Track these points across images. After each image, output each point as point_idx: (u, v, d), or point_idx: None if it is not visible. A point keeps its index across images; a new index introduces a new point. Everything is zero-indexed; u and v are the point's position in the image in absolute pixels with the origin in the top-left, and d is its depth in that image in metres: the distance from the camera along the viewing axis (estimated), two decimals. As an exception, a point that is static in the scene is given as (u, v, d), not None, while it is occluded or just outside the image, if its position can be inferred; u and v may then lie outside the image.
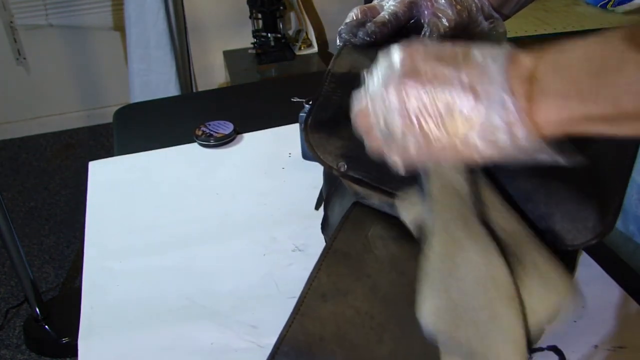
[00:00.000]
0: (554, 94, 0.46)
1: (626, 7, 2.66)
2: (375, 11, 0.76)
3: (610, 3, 2.71)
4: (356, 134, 0.61)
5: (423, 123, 0.51)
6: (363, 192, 0.71)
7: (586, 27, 2.64)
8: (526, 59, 0.49)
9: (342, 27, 0.76)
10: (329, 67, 0.75)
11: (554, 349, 0.72)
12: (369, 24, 0.73)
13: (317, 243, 0.93)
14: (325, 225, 0.84)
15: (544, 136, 0.48)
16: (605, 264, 0.88)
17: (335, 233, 0.70)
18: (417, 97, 0.51)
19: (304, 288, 0.66)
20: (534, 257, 0.59)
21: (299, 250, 0.93)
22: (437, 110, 0.51)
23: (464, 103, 0.50)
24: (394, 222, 0.69)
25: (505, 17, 0.80)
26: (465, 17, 0.75)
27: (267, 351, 0.77)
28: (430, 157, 0.54)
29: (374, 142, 0.58)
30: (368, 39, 0.73)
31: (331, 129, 0.71)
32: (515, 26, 2.53)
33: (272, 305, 0.84)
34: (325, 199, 0.82)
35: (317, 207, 0.87)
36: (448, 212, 0.60)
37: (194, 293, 0.87)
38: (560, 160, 0.50)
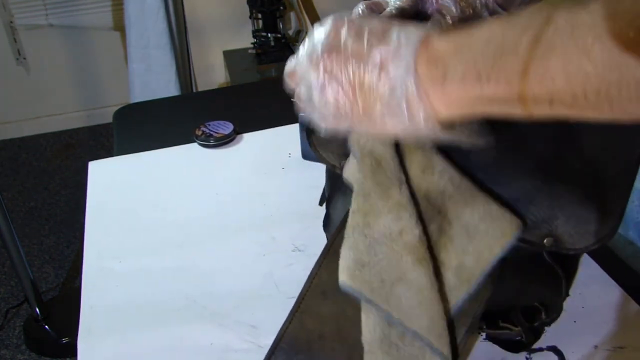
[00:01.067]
0: (454, 76, 0.47)
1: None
2: (381, 6, 0.75)
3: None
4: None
5: (338, 97, 0.54)
6: None
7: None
8: (438, 41, 0.49)
9: None
10: None
11: (554, 349, 0.72)
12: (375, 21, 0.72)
13: (317, 243, 0.93)
14: (327, 222, 0.84)
15: (445, 117, 0.49)
16: (605, 264, 0.88)
17: (337, 231, 0.69)
18: (333, 71, 0.54)
19: (304, 285, 0.66)
20: (462, 213, 0.60)
21: (299, 251, 0.93)
22: (350, 84, 0.53)
23: (372, 79, 0.51)
24: None
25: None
26: (469, 14, 0.74)
27: (267, 351, 0.77)
28: (348, 126, 0.56)
29: (300, 103, 0.61)
30: None
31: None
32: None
33: (272, 306, 0.84)
34: (327, 197, 0.82)
35: (320, 203, 0.87)
36: (367, 176, 0.61)
37: (194, 293, 0.87)
38: (464, 141, 0.52)
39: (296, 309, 0.65)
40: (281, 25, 3.13)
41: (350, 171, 0.65)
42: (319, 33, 0.57)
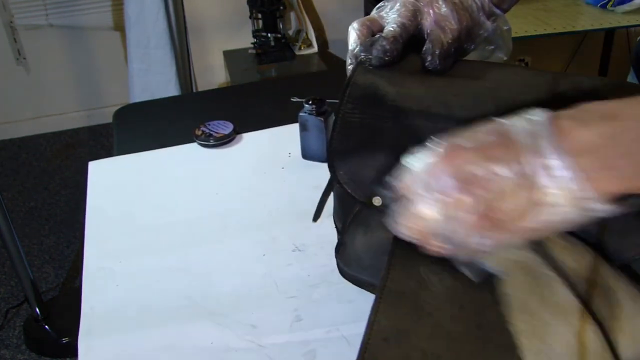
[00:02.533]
0: (611, 168, 0.46)
1: (626, 7, 2.67)
2: (377, 23, 0.72)
3: (610, 3, 2.71)
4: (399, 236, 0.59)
5: (493, 227, 0.50)
6: None
7: (586, 27, 2.64)
8: (578, 130, 0.47)
9: (357, 47, 0.71)
10: (345, 88, 0.71)
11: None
12: (382, 43, 0.68)
13: (317, 243, 0.94)
14: (340, 251, 0.82)
15: (607, 202, 0.48)
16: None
17: (386, 273, 0.67)
18: (481, 206, 0.50)
19: (365, 333, 0.63)
20: (627, 291, 0.58)
21: (299, 250, 0.93)
22: (503, 210, 0.50)
23: (524, 194, 0.48)
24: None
25: (504, 11, 0.79)
26: (467, 22, 0.73)
27: (267, 351, 0.77)
28: (497, 248, 0.53)
29: (432, 246, 0.57)
30: (387, 58, 0.68)
31: (358, 158, 0.68)
32: (515, 26, 2.53)
33: (272, 305, 0.84)
34: (342, 225, 0.80)
35: (315, 219, 0.85)
36: (525, 291, 0.59)
37: (194, 293, 0.87)
38: (626, 209, 0.50)
39: (361, 359, 0.64)
40: (281, 25, 3.13)
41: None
42: (424, 169, 0.53)
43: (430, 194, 0.52)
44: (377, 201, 0.67)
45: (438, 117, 0.66)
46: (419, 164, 0.54)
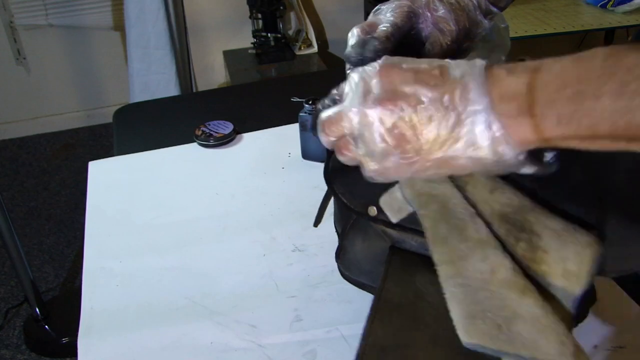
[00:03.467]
0: (532, 115, 0.48)
1: (626, 7, 2.67)
2: (375, 27, 0.72)
3: (610, 3, 2.71)
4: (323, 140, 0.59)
5: (405, 146, 0.52)
6: (397, 236, 0.69)
7: (586, 27, 2.64)
8: (506, 77, 0.50)
9: (349, 50, 0.73)
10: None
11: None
12: (373, 42, 0.69)
13: (317, 243, 0.94)
14: (341, 256, 0.82)
15: (523, 151, 0.50)
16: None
17: (382, 283, 0.67)
18: (398, 120, 0.52)
19: (360, 344, 0.63)
20: (546, 223, 0.59)
21: (299, 251, 0.93)
22: (419, 132, 0.52)
23: (446, 124, 0.51)
24: None
25: (501, 9, 0.79)
26: (465, 22, 0.73)
27: (267, 351, 0.77)
28: (410, 173, 0.54)
29: (347, 153, 0.58)
30: (373, 57, 0.68)
31: (355, 172, 0.66)
32: (515, 26, 2.53)
33: (272, 305, 0.84)
34: (342, 230, 0.80)
35: (315, 224, 0.85)
36: (437, 221, 0.60)
37: (194, 293, 0.87)
38: (538, 170, 0.52)
39: None
40: (281, 25, 3.13)
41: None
42: (365, 80, 0.55)
43: (357, 100, 0.54)
44: (372, 211, 0.67)
45: None
46: (358, 74, 0.56)
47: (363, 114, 0.53)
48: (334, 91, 0.59)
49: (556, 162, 0.53)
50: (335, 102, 0.61)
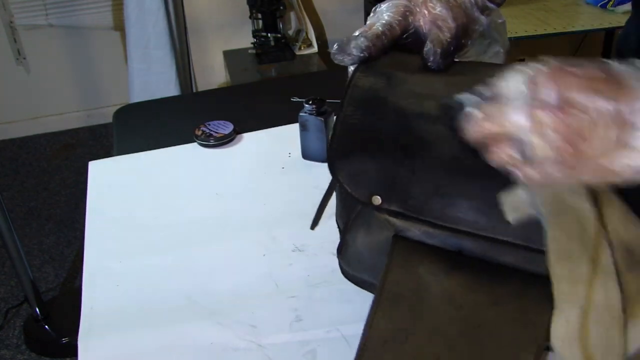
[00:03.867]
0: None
1: (626, 7, 2.67)
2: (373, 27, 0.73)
3: (610, 3, 2.71)
4: (469, 140, 0.58)
5: (572, 155, 0.50)
6: (401, 225, 0.69)
7: (586, 27, 2.65)
8: None
9: (335, 47, 0.73)
10: (345, 90, 0.71)
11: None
12: (361, 39, 0.69)
13: (317, 243, 0.94)
14: (342, 251, 0.82)
15: None
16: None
17: (385, 274, 0.67)
18: (573, 130, 0.50)
19: (362, 335, 0.63)
20: None
21: (299, 251, 0.93)
22: (590, 143, 0.50)
23: (619, 136, 0.49)
24: (441, 255, 0.67)
25: (498, 5, 0.79)
26: (463, 19, 0.73)
27: (267, 351, 0.77)
28: (569, 181, 0.53)
29: (500, 152, 0.56)
30: (362, 54, 0.69)
31: (359, 159, 0.68)
32: (515, 26, 2.54)
33: (272, 305, 0.84)
34: (344, 224, 0.80)
35: (312, 227, 0.85)
36: (571, 237, 0.58)
37: (194, 293, 0.87)
38: None
39: None
40: (281, 25, 3.13)
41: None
42: (526, 79, 0.53)
43: (525, 101, 0.52)
44: (376, 200, 0.67)
45: (437, 118, 0.66)
46: (523, 74, 0.53)
47: (534, 117, 0.51)
48: (483, 90, 0.57)
49: None
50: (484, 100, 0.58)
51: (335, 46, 0.72)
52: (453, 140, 0.62)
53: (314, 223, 0.84)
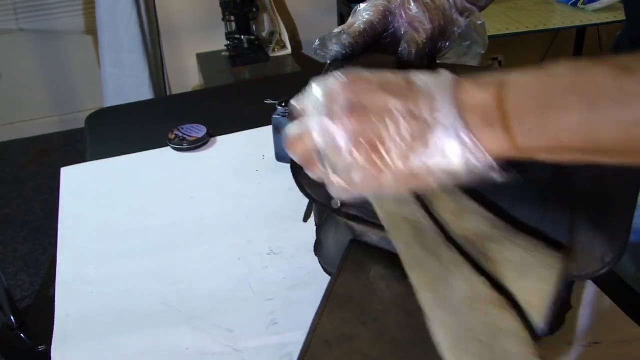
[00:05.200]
0: (500, 127, 0.48)
1: (596, 5, 2.70)
2: (353, 25, 0.74)
3: (581, 1, 2.74)
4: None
5: (375, 159, 0.51)
6: (359, 229, 0.70)
7: (558, 25, 2.67)
8: (474, 89, 0.50)
9: (317, 42, 0.73)
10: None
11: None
12: (344, 36, 0.69)
13: (293, 246, 0.94)
14: (318, 248, 0.83)
15: (492, 162, 0.50)
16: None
17: (335, 276, 0.68)
18: (366, 133, 0.51)
19: (307, 336, 0.64)
20: (506, 254, 0.58)
21: (274, 254, 0.93)
22: (387, 144, 0.51)
23: (415, 135, 0.50)
24: (395, 260, 0.67)
25: (481, 9, 0.80)
26: (440, 21, 0.74)
27: (243, 355, 0.77)
28: (377, 188, 0.53)
29: (314, 170, 0.57)
30: (344, 52, 0.69)
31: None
32: (488, 25, 2.54)
33: (248, 309, 0.84)
34: (318, 224, 0.81)
35: (305, 219, 0.85)
36: (411, 244, 0.59)
37: (170, 298, 0.87)
38: (504, 179, 0.51)
39: None
40: (254, 27, 3.13)
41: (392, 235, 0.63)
42: (328, 92, 0.53)
43: (321, 114, 0.53)
44: (335, 203, 0.67)
45: None
46: (321, 87, 0.54)
47: (326, 127, 0.52)
48: (294, 103, 0.57)
49: (526, 170, 0.53)
50: (293, 116, 0.58)
51: (317, 42, 0.72)
52: None
53: (307, 215, 0.84)
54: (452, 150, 0.49)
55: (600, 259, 0.58)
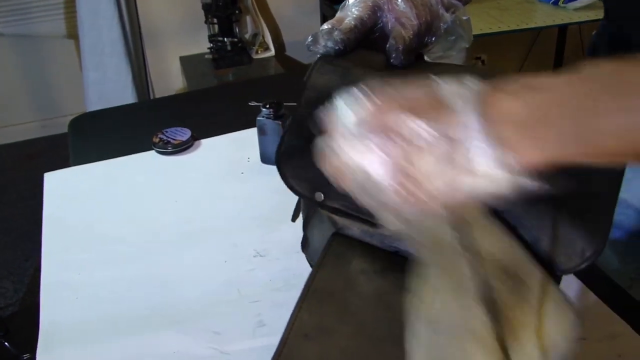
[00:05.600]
0: (532, 137, 0.47)
1: (577, 4, 2.72)
2: (343, 21, 0.74)
3: (562, 0, 2.75)
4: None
5: (406, 184, 0.50)
6: (342, 222, 0.70)
7: (539, 24, 2.69)
8: (503, 98, 0.49)
9: (309, 39, 0.73)
10: (302, 90, 0.72)
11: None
12: (336, 32, 0.70)
13: (279, 248, 0.94)
14: (305, 244, 0.83)
15: (527, 172, 0.48)
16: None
17: (315, 270, 0.68)
18: (396, 156, 0.50)
19: (286, 329, 0.64)
20: (539, 279, 0.58)
21: (260, 256, 0.93)
22: (419, 167, 0.50)
23: (447, 156, 0.49)
24: (376, 254, 0.68)
25: (465, 3, 0.81)
26: (426, 17, 0.74)
27: (230, 357, 0.77)
28: (411, 210, 0.53)
29: (347, 186, 0.56)
30: (337, 47, 0.70)
31: (306, 156, 0.67)
32: (469, 25, 2.56)
33: (234, 311, 0.84)
34: (304, 220, 0.81)
35: (293, 219, 0.85)
36: (431, 261, 0.59)
37: (156, 302, 0.86)
38: (542, 188, 0.50)
39: (278, 353, 0.63)
40: (237, 29, 3.12)
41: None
42: (354, 114, 0.53)
43: (355, 140, 0.52)
44: (318, 197, 0.68)
45: None
46: (350, 108, 0.54)
47: (359, 155, 0.52)
48: (322, 115, 0.57)
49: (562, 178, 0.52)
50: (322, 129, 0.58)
51: (310, 38, 0.72)
52: None
53: (295, 215, 0.84)
54: (488, 167, 0.48)
55: (581, 254, 0.59)
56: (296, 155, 0.69)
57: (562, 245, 0.59)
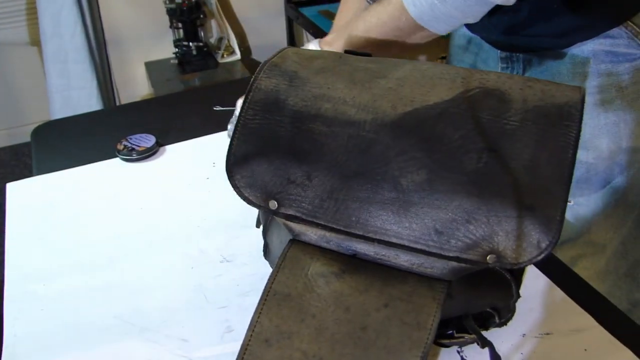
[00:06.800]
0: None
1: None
2: None
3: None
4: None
5: None
6: (298, 229, 0.70)
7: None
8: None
9: (230, 127, 0.75)
10: (247, 93, 0.73)
11: (483, 339, 0.73)
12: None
13: (245, 253, 0.93)
14: (267, 251, 0.83)
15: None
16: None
17: (274, 274, 0.68)
18: None
19: (246, 334, 0.64)
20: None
21: (227, 261, 0.93)
22: None
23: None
24: (334, 257, 0.68)
25: None
26: None
27: (198, 365, 0.76)
28: None
29: None
30: None
31: (256, 163, 0.69)
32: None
33: (202, 317, 0.83)
34: (263, 227, 0.81)
35: (258, 225, 0.85)
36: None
37: (122, 311, 0.86)
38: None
39: (240, 359, 0.63)
40: (202, 34, 3.11)
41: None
42: None
43: None
44: (272, 205, 0.68)
45: (333, 120, 0.67)
46: None
47: None
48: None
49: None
50: None
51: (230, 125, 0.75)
52: (348, 143, 0.64)
53: (258, 221, 0.84)
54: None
55: (537, 245, 0.60)
56: (246, 162, 0.70)
57: (517, 238, 0.60)
